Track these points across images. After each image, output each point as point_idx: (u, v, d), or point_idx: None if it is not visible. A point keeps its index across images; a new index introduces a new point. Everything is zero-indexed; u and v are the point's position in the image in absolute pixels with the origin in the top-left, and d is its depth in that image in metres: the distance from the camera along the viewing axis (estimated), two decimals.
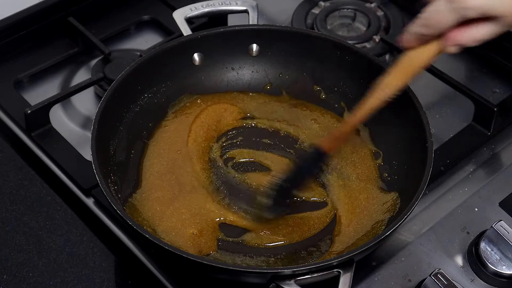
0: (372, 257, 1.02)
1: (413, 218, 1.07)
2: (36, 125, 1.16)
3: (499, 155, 1.16)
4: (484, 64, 1.30)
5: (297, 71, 1.19)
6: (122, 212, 0.95)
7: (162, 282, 1.01)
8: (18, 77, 1.26)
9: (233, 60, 1.20)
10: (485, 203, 1.08)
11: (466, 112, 1.20)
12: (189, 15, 1.18)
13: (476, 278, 1.01)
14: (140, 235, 0.92)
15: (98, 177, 0.97)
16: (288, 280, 0.90)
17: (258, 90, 1.20)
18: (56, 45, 1.31)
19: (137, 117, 1.12)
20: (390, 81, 1.00)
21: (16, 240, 1.02)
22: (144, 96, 1.13)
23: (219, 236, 1.03)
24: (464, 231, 1.05)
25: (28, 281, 0.98)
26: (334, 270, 0.91)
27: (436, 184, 1.12)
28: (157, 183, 1.07)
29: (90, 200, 1.09)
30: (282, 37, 1.18)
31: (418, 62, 0.99)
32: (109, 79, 1.20)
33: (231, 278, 0.94)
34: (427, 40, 0.96)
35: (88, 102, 1.25)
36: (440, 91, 1.25)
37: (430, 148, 1.01)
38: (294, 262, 1.00)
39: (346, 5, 1.37)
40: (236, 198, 1.07)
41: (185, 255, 0.90)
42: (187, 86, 1.18)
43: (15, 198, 1.07)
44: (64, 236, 1.03)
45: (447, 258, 1.03)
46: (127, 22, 1.36)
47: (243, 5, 1.19)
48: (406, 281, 1.00)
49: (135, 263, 1.04)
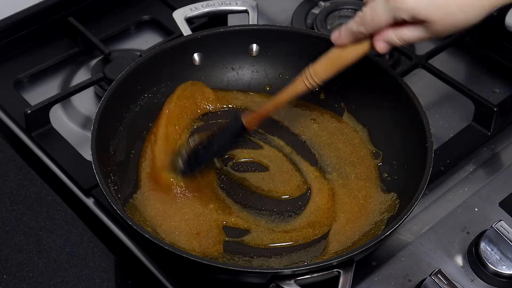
0: (372, 257, 1.02)
1: (413, 218, 1.07)
2: (36, 125, 1.16)
3: (499, 155, 1.16)
4: (484, 64, 1.30)
5: (297, 71, 1.18)
6: (122, 212, 0.95)
7: (162, 282, 1.01)
8: (18, 77, 1.26)
9: (233, 60, 1.20)
10: (485, 203, 1.08)
11: (466, 112, 1.20)
12: (189, 15, 1.18)
13: (476, 278, 1.01)
14: (140, 235, 0.92)
15: (98, 177, 0.97)
16: (288, 280, 0.90)
17: (258, 90, 1.20)
18: (56, 45, 1.31)
19: (137, 117, 1.12)
20: (317, 72, 1.01)
21: (16, 240, 1.02)
22: (144, 96, 1.14)
23: (225, 238, 1.03)
24: (464, 231, 1.05)
25: (28, 281, 0.98)
26: (334, 270, 0.91)
27: (436, 184, 1.12)
28: None
29: (90, 200, 1.09)
30: (282, 37, 1.18)
31: (346, 59, 1.00)
32: (109, 79, 1.20)
33: (231, 278, 0.94)
34: (360, 39, 0.97)
35: (88, 102, 1.25)
36: (440, 91, 1.25)
37: (430, 148, 1.01)
38: (294, 262, 1.00)
39: (346, 5, 1.37)
40: (236, 198, 1.07)
41: (185, 255, 0.90)
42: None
43: (15, 198, 1.07)
44: (64, 236, 1.03)
45: (447, 258, 1.03)
46: (127, 22, 1.36)
47: (243, 5, 1.19)
48: (406, 281, 1.00)
49: (135, 263, 1.03)
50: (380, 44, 0.96)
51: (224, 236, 1.03)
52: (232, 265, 0.96)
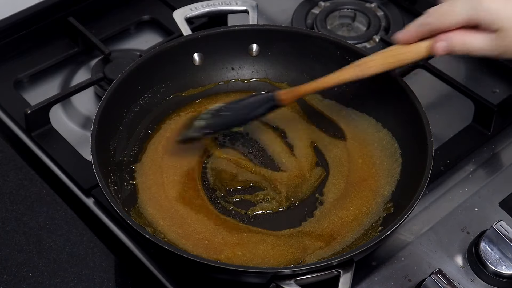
0: (372, 257, 1.02)
1: (413, 218, 1.07)
2: (36, 125, 1.16)
3: (499, 155, 1.16)
4: (484, 64, 1.30)
5: (297, 71, 1.19)
6: (122, 212, 0.95)
7: (162, 282, 1.01)
8: (18, 77, 1.26)
9: (233, 60, 1.20)
10: (485, 203, 1.08)
11: (466, 112, 1.20)
12: (189, 15, 1.18)
13: (476, 278, 1.01)
14: (140, 235, 0.93)
15: (98, 177, 0.97)
16: (288, 280, 0.90)
17: (258, 90, 1.20)
18: (56, 45, 1.31)
19: (137, 117, 1.12)
20: (371, 64, 1.01)
21: (16, 240, 1.02)
22: (144, 96, 1.14)
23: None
24: (464, 231, 1.05)
25: (28, 281, 0.98)
26: (334, 270, 0.91)
27: (436, 184, 1.12)
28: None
29: (90, 200, 1.09)
30: (282, 37, 1.18)
31: (405, 57, 0.99)
32: (109, 79, 1.20)
33: (231, 278, 0.94)
34: (424, 35, 0.96)
35: (88, 102, 1.25)
36: (440, 91, 1.25)
37: (430, 148, 1.01)
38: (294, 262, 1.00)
39: (346, 5, 1.37)
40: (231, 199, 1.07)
41: (185, 255, 0.90)
42: (187, 86, 1.18)
43: (15, 198, 1.07)
44: (64, 236, 1.03)
45: (447, 258, 1.03)
46: (127, 22, 1.36)
47: (243, 5, 1.19)
48: (406, 281, 1.00)
49: (135, 263, 1.03)
50: (441, 44, 0.94)
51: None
52: (232, 265, 0.96)
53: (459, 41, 0.93)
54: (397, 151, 1.09)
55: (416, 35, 0.96)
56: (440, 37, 0.94)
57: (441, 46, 0.94)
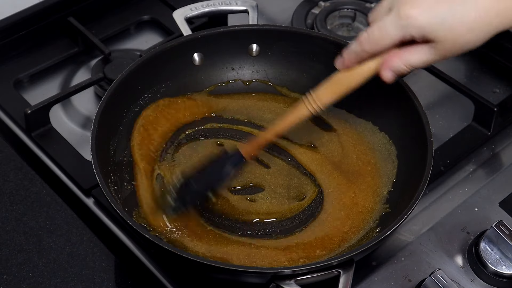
0: (372, 257, 1.02)
1: (413, 218, 1.07)
2: (36, 125, 1.16)
3: (499, 155, 1.16)
4: (484, 64, 1.30)
5: (297, 71, 1.19)
6: (122, 212, 0.95)
7: (162, 282, 1.01)
8: (18, 77, 1.26)
9: (233, 60, 1.20)
10: (485, 203, 1.08)
11: (466, 112, 1.20)
12: (189, 15, 1.18)
13: (476, 278, 1.01)
14: (140, 235, 0.93)
15: (98, 177, 0.97)
16: (288, 280, 0.90)
17: (258, 90, 1.20)
18: (56, 45, 1.31)
19: (137, 117, 1.12)
20: (320, 97, 0.99)
21: (16, 240, 1.02)
22: (144, 96, 1.13)
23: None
24: (464, 231, 1.05)
25: (28, 281, 0.98)
26: (334, 270, 0.91)
27: (436, 184, 1.12)
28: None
29: (90, 200, 1.09)
30: (282, 37, 1.18)
31: (351, 83, 0.98)
32: (109, 79, 1.20)
33: (231, 278, 0.94)
34: (364, 59, 0.95)
35: (88, 102, 1.25)
36: (440, 91, 1.25)
37: (430, 148, 1.01)
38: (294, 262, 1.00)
39: (346, 5, 1.37)
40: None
41: (184, 254, 0.90)
42: (187, 86, 1.18)
43: (15, 198, 1.07)
44: (64, 236, 1.03)
45: (447, 258, 1.03)
46: (127, 22, 1.36)
47: (243, 5, 1.19)
48: (406, 281, 1.00)
49: (135, 263, 1.04)
50: (388, 73, 0.95)
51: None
52: (232, 265, 0.96)
53: (402, 62, 0.93)
54: (394, 152, 1.09)
55: (356, 61, 0.97)
56: (384, 67, 0.94)
57: (388, 75, 0.95)
